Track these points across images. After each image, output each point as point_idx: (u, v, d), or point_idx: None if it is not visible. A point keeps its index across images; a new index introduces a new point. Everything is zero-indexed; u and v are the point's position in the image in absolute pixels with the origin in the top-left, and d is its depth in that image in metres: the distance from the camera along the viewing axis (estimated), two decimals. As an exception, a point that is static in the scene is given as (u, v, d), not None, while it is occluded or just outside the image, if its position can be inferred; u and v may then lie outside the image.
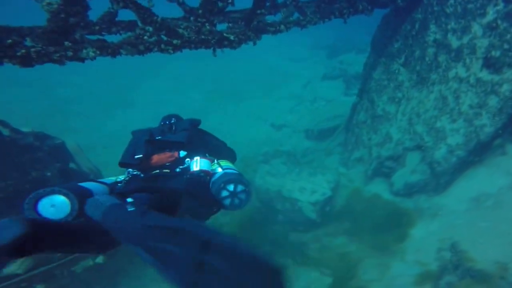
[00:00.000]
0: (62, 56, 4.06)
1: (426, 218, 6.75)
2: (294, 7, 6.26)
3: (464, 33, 6.61)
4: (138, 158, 3.31)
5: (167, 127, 3.96)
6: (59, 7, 3.80)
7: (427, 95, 7.05)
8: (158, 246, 1.93)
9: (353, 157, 8.61)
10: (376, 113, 8.05)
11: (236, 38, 5.41)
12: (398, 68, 7.82)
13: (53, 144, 6.43)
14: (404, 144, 7.26)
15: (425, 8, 7.51)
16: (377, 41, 9.10)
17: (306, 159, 10.06)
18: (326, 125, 11.61)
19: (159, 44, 4.73)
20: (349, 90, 15.60)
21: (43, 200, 2.59)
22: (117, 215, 2.24)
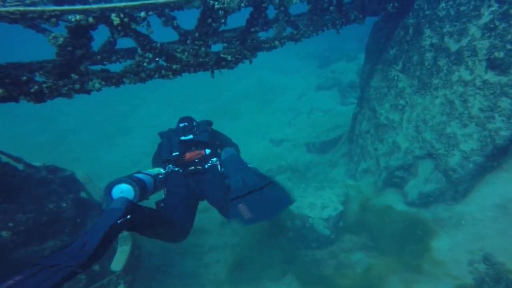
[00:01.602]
0: (71, 89, 4.06)
1: (448, 228, 6.39)
2: (285, 22, 6.06)
3: (461, 35, 6.43)
4: (176, 155, 4.33)
5: (188, 128, 4.86)
6: (66, 40, 3.80)
7: (432, 101, 6.77)
8: None
9: (360, 169, 8.28)
10: (380, 122, 7.76)
11: (233, 58, 5.30)
12: (396, 74, 7.58)
13: (64, 176, 6.67)
14: (414, 153, 6.95)
15: (417, 13, 7.38)
16: (371, 49, 8.91)
17: (311, 173, 9.76)
18: (327, 136, 11.38)
19: (160, 71, 4.66)
20: (345, 99, 15.50)
21: (115, 188, 3.62)
22: None
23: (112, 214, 2.87)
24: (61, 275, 2.34)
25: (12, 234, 5.21)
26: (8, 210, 5.35)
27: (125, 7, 3.97)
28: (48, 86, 3.87)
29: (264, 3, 5.24)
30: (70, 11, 3.67)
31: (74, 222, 5.95)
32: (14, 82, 3.70)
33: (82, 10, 3.74)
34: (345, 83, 16.64)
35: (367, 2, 7.03)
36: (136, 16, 4.12)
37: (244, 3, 4.98)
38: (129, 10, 3.99)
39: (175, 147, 4.47)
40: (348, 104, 14.77)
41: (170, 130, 5.00)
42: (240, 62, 5.51)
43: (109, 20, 3.92)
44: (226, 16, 4.85)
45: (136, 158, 14.48)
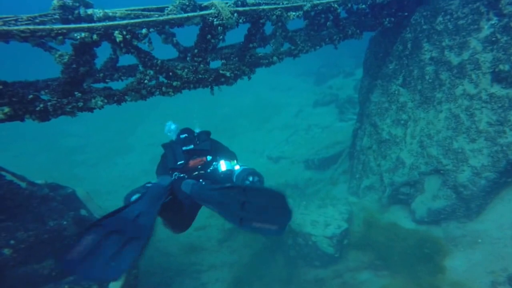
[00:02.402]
0: (74, 107, 4.17)
1: (463, 247, 6.30)
2: (282, 38, 6.25)
3: (462, 49, 6.60)
4: (181, 164, 4.73)
5: (189, 139, 5.22)
6: (71, 57, 3.97)
7: (436, 115, 6.89)
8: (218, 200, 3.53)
9: (363, 185, 8.33)
10: (382, 138, 7.87)
11: (232, 74, 5.45)
12: (397, 89, 7.74)
13: (65, 193, 6.89)
14: (419, 169, 7.01)
15: (414, 27, 7.58)
16: (369, 63, 9.10)
17: (311, 190, 9.82)
18: (327, 153, 11.48)
19: (160, 88, 4.79)
20: (344, 115, 15.58)
21: (134, 197, 3.78)
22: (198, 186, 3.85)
23: (160, 192, 3.60)
24: (139, 248, 2.95)
25: (13, 251, 5.31)
26: (10, 228, 5.48)
27: (128, 24, 4.14)
28: (53, 104, 3.99)
29: (261, 19, 5.44)
30: (76, 29, 3.83)
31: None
32: (21, 100, 3.81)
33: (88, 28, 3.91)
34: (343, 99, 16.82)
35: (364, 17, 7.27)
36: (138, 33, 4.29)
37: (242, 19, 5.18)
38: (131, 27, 4.15)
39: (179, 156, 4.89)
40: (347, 120, 14.89)
41: (172, 142, 5.38)
42: (239, 78, 5.67)
43: (112, 37, 4.07)
44: (224, 32, 5.03)
45: (135, 176, 14.75)
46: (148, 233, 3.09)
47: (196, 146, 5.08)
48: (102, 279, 3.64)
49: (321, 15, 6.36)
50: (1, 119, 3.76)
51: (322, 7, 6.18)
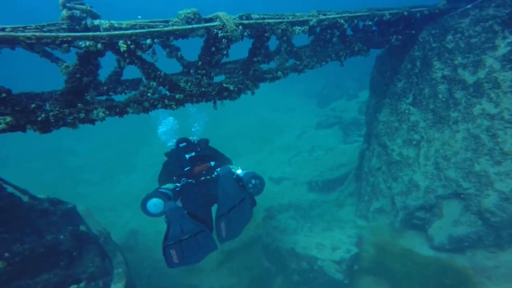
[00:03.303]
0: (76, 118, 4.14)
1: (498, 280, 5.97)
2: (287, 53, 6.32)
3: (477, 67, 6.60)
4: (187, 170, 5.47)
5: (190, 146, 6.16)
6: (75, 66, 4.03)
7: (452, 136, 6.82)
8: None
9: (372, 208, 8.18)
10: (392, 159, 7.80)
11: (236, 88, 5.43)
12: (407, 108, 7.71)
13: (66, 208, 7.12)
14: (436, 192, 6.85)
15: (423, 46, 7.63)
16: (376, 82, 9.13)
17: (315, 212, 9.66)
18: (332, 175, 11.39)
19: (163, 100, 4.77)
20: (348, 137, 15.65)
21: (149, 202, 4.88)
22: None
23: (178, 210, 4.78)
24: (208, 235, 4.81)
25: (7, 265, 5.36)
26: (7, 240, 5.57)
27: (132, 34, 4.16)
28: (54, 114, 3.96)
29: (266, 33, 5.48)
30: (81, 37, 3.85)
31: (70, 255, 6.08)
32: (23, 110, 3.80)
33: (93, 36, 3.94)
34: (347, 121, 16.95)
35: (371, 34, 7.37)
36: (142, 44, 4.33)
37: (247, 32, 5.22)
38: (135, 37, 4.17)
39: (185, 163, 5.65)
40: (352, 142, 14.96)
41: (173, 151, 6.24)
42: (243, 92, 5.65)
43: (116, 46, 4.10)
44: (229, 45, 5.06)
45: (136, 194, 14.63)
46: (201, 226, 4.73)
47: (198, 152, 5.90)
48: (204, 256, 4.75)
49: (327, 30, 6.41)
50: (2, 129, 3.71)
51: (328, 22, 6.23)
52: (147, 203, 4.92)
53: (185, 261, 4.56)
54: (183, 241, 4.54)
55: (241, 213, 5.01)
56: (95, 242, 6.71)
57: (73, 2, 4.79)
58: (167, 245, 4.50)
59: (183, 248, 4.54)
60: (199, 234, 4.64)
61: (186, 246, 4.56)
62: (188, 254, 4.57)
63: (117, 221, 12.59)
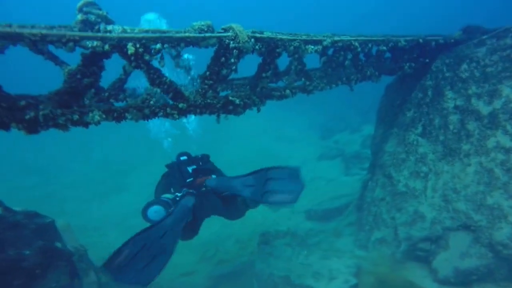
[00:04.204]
0: (68, 120, 3.98)
1: None
2: (296, 74, 6.31)
3: (493, 97, 6.57)
4: (190, 181, 5.70)
5: (192, 159, 6.49)
6: (78, 67, 3.97)
7: (463, 169, 6.72)
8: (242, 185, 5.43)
9: (373, 238, 8.03)
10: (397, 190, 7.70)
11: (242, 102, 5.38)
12: (416, 139, 7.67)
13: (42, 223, 6.82)
14: (443, 224, 6.73)
15: (435, 75, 7.66)
16: (385, 112, 9.12)
17: (312, 241, 9.51)
18: (331, 204, 11.35)
19: (165, 108, 4.70)
20: (350, 170, 15.67)
21: (150, 209, 5.09)
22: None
23: (185, 212, 5.04)
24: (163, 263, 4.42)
25: None
26: None
27: (143, 38, 4.13)
28: (45, 114, 3.82)
29: (278, 49, 5.49)
30: (90, 37, 3.82)
31: (31, 273, 5.77)
32: (11, 107, 3.67)
33: (101, 37, 3.91)
34: (349, 154, 17.01)
35: (384, 60, 7.41)
36: (151, 48, 4.31)
37: (259, 46, 5.21)
38: (146, 41, 4.15)
39: (187, 174, 5.94)
40: (353, 174, 14.96)
41: (174, 163, 6.54)
42: (249, 108, 5.60)
43: (124, 49, 4.07)
44: (239, 57, 5.05)
45: (126, 215, 14.78)
46: (171, 250, 4.48)
47: (200, 166, 6.23)
48: (136, 283, 4.28)
49: (340, 52, 6.43)
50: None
51: (342, 44, 6.25)
52: (148, 210, 5.17)
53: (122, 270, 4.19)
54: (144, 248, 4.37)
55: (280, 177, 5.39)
56: (67, 260, 6.45)
57: (90, 6, 4.81)
58: (138, 234, 4.48)
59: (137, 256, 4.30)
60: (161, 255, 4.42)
61: (140, 255, 4.32)
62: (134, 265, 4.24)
63: (100, 240, 12.30)
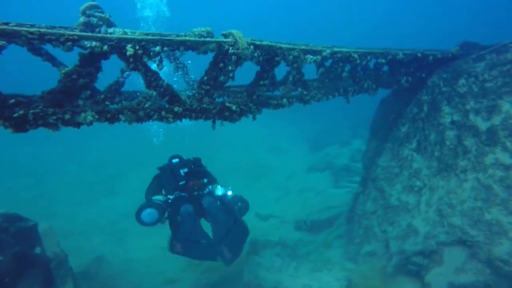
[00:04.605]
0: (59, 119, 3.88)
1: None
2: (293, 84, 6.28)
3: (492, 113, 6.51)
4: (182, 184, 5.97)
5: (183, 163, 6.61)
6: (74, 67, 3.91)
7: (459, 184, 6.63)
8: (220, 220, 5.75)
9: (363, 251, 7.93)
10: (390, 204, 7.65)
11: (238, 109, 5.34)
12: (410, 154, 7.65)
13: (24, 226, 6.74)
14: (437, 238, 6.60)
15: (431, 90, 7.67)
16: (378, 126, 9.12)
17: (301, 251, 9.43)
18: (320, 216, 11.33)
19: (160, 111, 4.62)
20: (339, 182, 15.65)
21: (143, 211, 5.45)
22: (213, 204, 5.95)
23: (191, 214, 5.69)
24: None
25: None
26: None
27: (142, 39, 4.08)
28: (35, 112, 3.72)
29: (277, 57, 5.46)
30: (89, 37, 3.74)
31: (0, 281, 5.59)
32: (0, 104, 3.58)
33: (101, 37, 3.83)
34: (338, 167, 17.05)
35: (381, 73, 7.42)
36: (151, 51, 4.24)
37: (258, 53, 5.17)
38: (145, 43, 4.09)
39: (180, 177, 6.14)
40: (342, 187, 14.93)
41: (167, 165, 6.72)
42: (245, 115, 5.55)
43: (123, 50, 4.00)
44: (238, 63, 5.01)
45: (114, 219, 14.73)
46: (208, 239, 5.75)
47: (192, 169, 6.39)
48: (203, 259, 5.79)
49: (339, 63, 6.43)
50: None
51: (341, 55, 6.26)
52: (142, 213, 5.51)
53: (187, 253, 5.51)
54: (189, 241, 5.35)
55: (237, 233, 5.81)
56: (43, 267, 6.30)
57: (93, 9, 4.74)
58: (174, 237, 5.33)
59: (187, 246, 5.36)
60: (205, 244, 5.48)
61: (191, 246, 5.42)
62: (191, 251, 5.48)
63: (85, 245, 12.12)
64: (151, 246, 11.47)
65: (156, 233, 11.92)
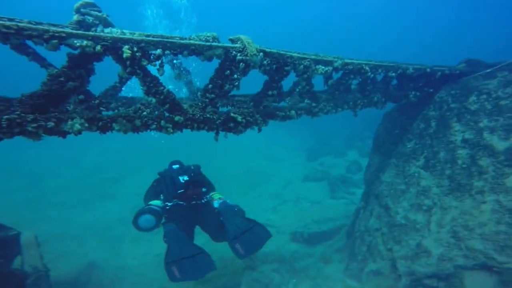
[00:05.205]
0: (40, 127, 3.22)
1: None
2: (301, 95, 5.72)
3: (510, 132, 6.00)
4: (181, 192, 5.63)
5: (183, 170, 6.38)
6: (62, 69, 3.33)
7: (476, 206, 6.03)
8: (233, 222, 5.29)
9: (367, 269, 7.28)
10: (396, 221, 7.02)
11: (244, 120, 4.75)
12: (417, 171, 7.07)
13: (3, 236, 6.14)
14: (455, 261, 5.94)
15: (439, 105, 7.16)
16: (382, 141, 8.55)
17: (299, 265, 8.81)
18: (319, 228, 10.69)
19: (159, 121, 4.01)
20: (335, 193, 15.16)
21: (141, 217, 5.23)
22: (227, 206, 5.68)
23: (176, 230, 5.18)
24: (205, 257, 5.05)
25: None
26: None
27: (142, 40, 3.48)
28: (10, 118, 3.08)
29: (287, 66, 4.89)
30: (79, 36, 3.13)
31: None
32: None
33: (93, 36, 3.22)
34: (335, 177, 16.55)
35: (391, 87, 6.90)
36: (151, 53, 3.64)
37: (267, 61, 4.62)
38: (145, 45, 3.49)
39: (179, 185, 5.82)
40: (339, 198, 14.48)
41: (167, 171, 6.43)
42: (250, 127, 4.98)
43: (119, 52, 3.40)
44: (246, 71, 4.44)
45: (109, 224, 13.76)
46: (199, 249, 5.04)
47: (192, 177, 6.09)
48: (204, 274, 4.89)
49: (349, 75, 5.88)
50: None
51: (353, 67, 5.72)
52: (139, 219, 5.25)
53: (187, 276, 4.79)
54: (184, 260, 4.79)
55: (255, 235, 5.27)
56: (18, 283, 5.70)
57: (89, 7, 4.10)
58: (168, 262, 4.75)
59: (184, 266, 4.77)
60: (198, 255, 4.91)
61: (186, 264, 4.79)
62: (189, 271, 4.81)
63: (77, 250, 11.27)
64: (145, 253, 10.90)
65: (151, 239, 11.44)
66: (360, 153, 20.54)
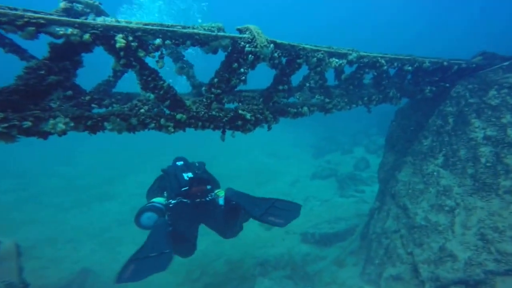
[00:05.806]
0: (13, 127, 2.65)
1: None
2: (312, 90, 5.17)
3: None
4: (185, 190, 5.34)
5: (187, 166, 6.06)
6: (43, 61, 2.78)
7: (505, 207, 5.48)
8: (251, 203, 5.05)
9: (386, 274, 6.68)
10: (415, 223, 6.43)
11: (253, 117, 4.21)
12: (436, 170, 6.49)
13: None
14: (485, 267, 5.39)
15: (456, 101, 6.58)
16: (396, 138, 7.94)
17: (312, 269, 8.22)
18: (330, 229, 10.02)
19: (158, 119, 3.45)
20: (344, 191, 14.48)
21: (143, 215, 5.07)
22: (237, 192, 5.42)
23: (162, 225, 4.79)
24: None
25: None
26: None
27: (139, 29, 2.93)
28: None
29: (299, 59, 4.34)
30: (63, 22, 2.58)
31: None
32: None
33: (80, 24, 2.68)
34: (343, 175, 15.90)
35: (407, 82, 6.33)
36: (149, 44, 3.09)
37: (278, 53, 4.10)
38: (142, 33, 2.94)
39: (183, 182, 5.45)
40: (348, 196, 13.75)
41: (171, 167, 6.08)
42: (259, 125, 4.46)
43: (111, 41, 2.85)
44: (254, 64, 3.90)
45: (106, 226, 12.93)
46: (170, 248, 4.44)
47: (196, 175, 5.79)
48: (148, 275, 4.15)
49: (364, 69, 5.31)
50: None
51: (368, 60, 5.18)
52: (142, 216, 5.01)
53: (131, 278, 4.12)
54: (148, 258, 4.29)
55: (284, 205, 4.97)
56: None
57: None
58: (134, 259, 4.26)
59: (142, 265, 4.22)
60: (164, 254, 4.36)
61: (146, 263, 4.27)
62: (142, 271, 4.17)
63: (71, 254, 10.47)
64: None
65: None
66: (367, 150, 19.89)
